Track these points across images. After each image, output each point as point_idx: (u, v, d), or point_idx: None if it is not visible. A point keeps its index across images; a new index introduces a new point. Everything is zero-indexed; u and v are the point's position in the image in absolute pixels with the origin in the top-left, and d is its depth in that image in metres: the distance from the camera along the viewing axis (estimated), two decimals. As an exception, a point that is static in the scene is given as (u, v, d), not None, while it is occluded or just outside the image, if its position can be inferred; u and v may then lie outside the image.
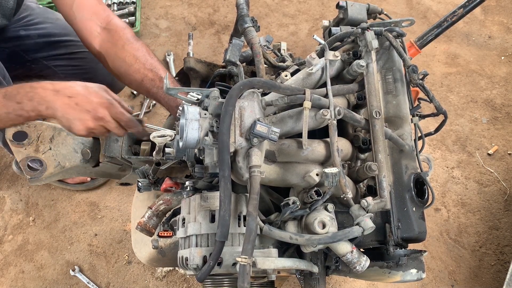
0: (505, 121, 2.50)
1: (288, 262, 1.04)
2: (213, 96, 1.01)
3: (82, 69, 1.82)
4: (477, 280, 2.01)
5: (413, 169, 1.17)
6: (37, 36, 1.74)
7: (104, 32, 1.41)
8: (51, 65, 1.81)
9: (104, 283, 1.96)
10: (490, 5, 3.01)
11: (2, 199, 2.18)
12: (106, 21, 1.42)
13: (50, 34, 1.77)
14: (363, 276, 1.23)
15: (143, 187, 1.23)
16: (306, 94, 1.04)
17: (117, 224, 2.11)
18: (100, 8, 1.44)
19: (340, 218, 1.13)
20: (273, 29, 2.88)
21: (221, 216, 0.92)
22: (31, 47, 1.75)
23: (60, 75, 1.82)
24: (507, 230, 2.14)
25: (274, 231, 0.99)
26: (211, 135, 0.98)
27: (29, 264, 2.00)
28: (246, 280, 0.86)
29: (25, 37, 1.72)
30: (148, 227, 1.21)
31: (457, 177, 2.31)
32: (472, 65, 2.73)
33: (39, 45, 1.75)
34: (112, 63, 1.42)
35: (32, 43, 1.74)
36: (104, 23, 1.42)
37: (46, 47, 1.77)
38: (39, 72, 1.87)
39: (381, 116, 1.12)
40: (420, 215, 1.14)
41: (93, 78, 1.86)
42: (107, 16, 1.43)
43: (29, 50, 1.76)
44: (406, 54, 1.22)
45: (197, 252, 1.00)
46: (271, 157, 1.08)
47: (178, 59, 2.69)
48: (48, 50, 1.78)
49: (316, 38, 1.19)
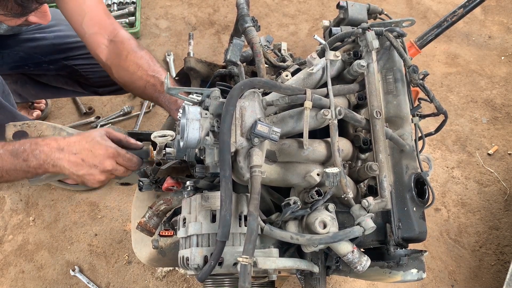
0: (505, 121, 2.50)
1: (289, 262, 1.04)
2: (214, 96, 1.01)
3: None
4: (477, 280, 2.01)
5: (414, 169, 1.17)
6: (53, 37, 1.77)
7: (111, 44, 1.46)
8: (71, 64, 1.83)
9: (104, 283, 1.96)
10: (490, 5, 3.02)
11: (2, 199, 2.17)
12: (113, 34, 1.47)
13: (67, 36, 1.79)
14: (363, 276, 1.23)
15: (144, 186, 1.23)
16: (307, 94, 1.04)
17: (117, 224, 2.11)
18: (108, 22, 1.50)
19: (341, 218, 1.13)
20: (273, 29, 2.88)
21: (222, 216, 0.92)
22: (47, 48, 1.76)
23: (82, 74, 1.85)
24: (507, 230, 2.14)
25: (275, 231, 0.99)
26: (212, 135, 0.98)
27: (29, 264, 2.00)
28: (247, 280, 0.86)
29: (41, 39, 1.74)
30: (148, 227, 1.21)
31: (457, 177, 2.31)
32: (472, 65, 2.73)
33: (56, 46, 1.78)
34: (116, 73, 1.46)
35: (48, 44, 1.76)
36: (111, 36, 1.47)
37: (64, 48, 1.79)
38: (58, 72, 1.89)
39: (381, 116, 1.12)
40: (420, 215, 1.14)
41: None
42: (114, 29, 1.48)
43: (46, 52, 1.77)
44: (406, 54, 1.22)
45: (198, 252, 1.00)
46: (272, 157, 1.08)
47: (178, 59, 2.68)
48: (66, 51, 1.80)
49: (317, 38, 1.19)
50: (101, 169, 1.08)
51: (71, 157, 1.05)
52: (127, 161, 1.12)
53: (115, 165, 1.10)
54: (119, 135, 1.15)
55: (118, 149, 1.10)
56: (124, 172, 1.15)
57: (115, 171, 1.12)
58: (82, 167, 1.06)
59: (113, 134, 1.14)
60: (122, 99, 2.52)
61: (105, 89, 1.99)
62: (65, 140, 1.07)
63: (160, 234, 1.21)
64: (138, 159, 1.15)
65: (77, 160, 1.05)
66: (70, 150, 1.05)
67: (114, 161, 1.10)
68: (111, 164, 1.09)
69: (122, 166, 1.12)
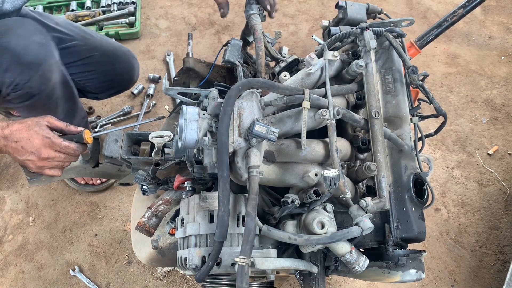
0: (505, 121, 2.50)
1: (287, 262, 1.04)
2: (212, 96, 1.01)
3: (99, 72, 1.83)
4: (477, 280, 2.01)
5: (413, 169, 1.17)
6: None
7: None
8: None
9: (104, 283, 1.96)
10: (490, 5, 3.01)
11: (2, 199, 2.18)
12: None
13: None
14: (362, 276, 1.23)
15: (149, 189, 1.24)
16: (305, 94, 1.04)
17: (117, 224, 2.11)
18: None
19: (339, 218, 1.13)
20: (273, 29, 2.88)
21: (220, 217, 0.92)
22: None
23: (78, 83, 1.81)
24: (507, 230, 2.14)
25: (273, 231, 0.99)
26: (210, 136, 0.98)
27: (29, 264, 2.00)
28: (245, 280, 0.86)
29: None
30: (147, 227, 1.21)
31: (457, 177, 2.31)
32: (472, 65, 2.73)
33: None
34: None
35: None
36: None
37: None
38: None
39: (380, 116, 1.12)
40: (419, 215, 1.14)
41: (114, 80, 1.88)
42: None
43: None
44: (406, 54, 1.21)
45: (196, 253, 1.00)
46: (270, 157, 1.08)
47: (178, 59, 2.69)
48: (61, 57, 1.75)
49: (316, 38, 1.19)
50: (38, 156, 1.14)
51: (12, 144, 1.13)
52: (64, 149, 1.16)
53: (53, 153, 1.15)
54: (60, 124, 1.19)
55: (54, 138, 1.15)
56: (66, 159, 1.19)
57: (57, 158, 1.17)
58: (22, 153, 1.14)
59: (54, 123, 1.18)
60: (122, 99, 2.52)
61: (104, 94, 1.98)
62: (8, 128, 1.14)
63: (170, 233, 1.21)
64: (77, 145, 1.19)
65: (18, 147, 1.13)
66: (12, 138, 1.13)
67: (52, 149, 1.15)
68: (48, 152, 1.15)
69: (62, 153, 1.17)
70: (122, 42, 2.69)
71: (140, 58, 2.71)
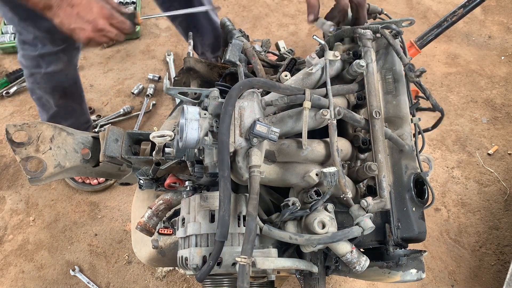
0: (505, 121, 2.50)
1: (287, 262, 1.04)
2: (213, 96, 1.01)
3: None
4: (477, 280, 2.01)
5: (413, 169, 1.17)
6: None
7: None
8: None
9: (104, 283, 1.96)
10: (490, 5, 3.02)
11: (2, 199, 2.18)
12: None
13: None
14: (363, 276, 1.23)
15: (145, 184, 1.23)
16: (306, 94, 1.04)
17: (117, 224, 2.11)
18: None
19: (340, 218, 1.12)
20: (273, 29, 2.88)
21: (220, 216, 0.92)
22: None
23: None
24: (507, 230, 2.14)
25: (273, 231, 0.99)
26: (210, 135, 0.98)
27: (29, 264, 2.00)
28: (246, 280, 0.86)
29: None
30: (148, 227, 1.21)
31: (457, 177, 2.31)
32: (472, 65, 2.73)
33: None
34: None
35: None
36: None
37: None
38: None
39: (381, 116, 1.12)
40: (420, 215, 1.14)
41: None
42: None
43: None
44: (405, 52, 1.21)
45: (197, 252, 1.00)
46: (271, 157, 1.08)
47: (178, 59, 2.69)
48: None
49: (316, 38, 1.19)
50: (93, 27, 1.08)
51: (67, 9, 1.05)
52: (120, 23, 1.12)
53: (107, 26, 1.10)
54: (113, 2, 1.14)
55: (113, 11, 1.10)
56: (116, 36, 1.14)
57: (107, 32, 1.11)
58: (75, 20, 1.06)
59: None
60: (122, 99, 2.52)
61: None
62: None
63: (159, 232, 1.20)
64: (130, 24, 1.15)
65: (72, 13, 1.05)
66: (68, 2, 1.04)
67: (108, 22, 1.10)
68: (104, 23, 1.09)
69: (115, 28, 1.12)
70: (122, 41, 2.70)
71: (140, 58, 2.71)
